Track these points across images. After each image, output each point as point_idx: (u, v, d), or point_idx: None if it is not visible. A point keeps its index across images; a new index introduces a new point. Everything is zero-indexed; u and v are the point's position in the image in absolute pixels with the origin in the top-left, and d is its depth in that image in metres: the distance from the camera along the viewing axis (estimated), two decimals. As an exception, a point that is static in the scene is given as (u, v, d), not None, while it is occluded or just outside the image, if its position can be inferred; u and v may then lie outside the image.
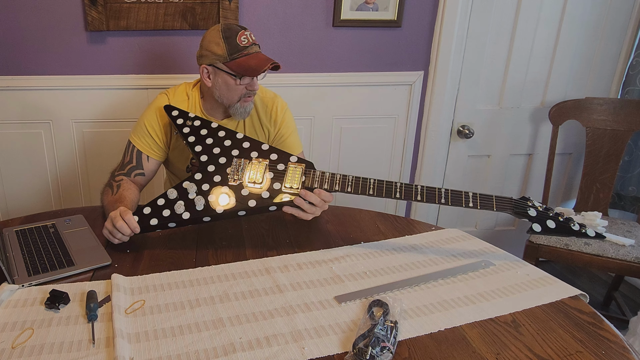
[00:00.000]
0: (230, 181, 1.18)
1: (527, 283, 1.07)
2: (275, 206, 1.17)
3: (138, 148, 1.40)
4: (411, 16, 2.00)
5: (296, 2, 1.90)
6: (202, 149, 1.24)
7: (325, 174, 1.19)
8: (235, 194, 1.16)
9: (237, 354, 0.82)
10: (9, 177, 1.94)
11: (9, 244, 1.17)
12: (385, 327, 0.86)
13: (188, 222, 1.16)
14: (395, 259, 1.16)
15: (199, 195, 1.16)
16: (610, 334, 0.91)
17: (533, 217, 1.10)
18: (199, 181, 1.18)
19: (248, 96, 1.36)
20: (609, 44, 2.20)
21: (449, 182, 2.35)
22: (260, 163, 1.20)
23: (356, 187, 1.17)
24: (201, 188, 1.17)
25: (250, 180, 1.18)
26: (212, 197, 1.16)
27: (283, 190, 1.17)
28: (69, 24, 1.78)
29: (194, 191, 1.16)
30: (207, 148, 1.24)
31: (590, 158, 2.11)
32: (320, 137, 2.11)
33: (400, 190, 1.15)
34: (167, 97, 1.43)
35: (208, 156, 1.23)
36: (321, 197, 1.17)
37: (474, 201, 1.12)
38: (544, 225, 1.09)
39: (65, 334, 0.87)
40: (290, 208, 1.18)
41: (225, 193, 1.16)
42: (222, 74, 1.32)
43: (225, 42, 1.30)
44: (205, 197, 1.16)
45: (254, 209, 1.16)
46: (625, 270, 1.79)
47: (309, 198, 1.16)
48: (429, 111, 2.15)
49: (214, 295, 0.99)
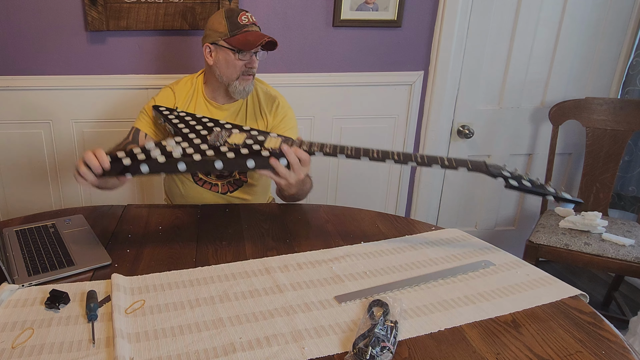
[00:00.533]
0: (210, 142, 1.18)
1: (527, 283, 1.07)
2: (253, 161, 1.12)
3: (137, 127, 1.44)
4: (411, 16, 2.00)
5: (296, 2, 1.90)
6: (185, 126, 1.27)
7: (304, 142, 1.17)
8: (214, 149, 1.14)
9: (237, 354, 0.82)
10: (9, 177, 1.94)
11: (9, 244, 1.17)
12: (385, 327, 0.86)
13: (162, 167, 1.10)
14: (395, 259, 1.16)
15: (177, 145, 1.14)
16: (610, 334, 0.90)
17: (508, 176, 1.10)
18: (179, 142, 1.17)
19: (247, 74, 1.40)
20: (609, 44, 2.20)
21: (449, 182, 2.36)
22: (241, 133, 1.21)
23: (334, 149, 1.15)
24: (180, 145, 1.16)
25: (230, 142, 1.17)
26: (190, 149, 1.14)
27: (262, 150, 1.15)
28: (69, 24, 1.78)
29: (172, 145, 1.14)
30: (190, 127, 1.26)
31: (590, 158, 2.11)
32: (320, 137, 2.11)
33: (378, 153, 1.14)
34: (171, 90, 1.48)
35: (189, 129, 1.25)
36: (298, 155, 1.13)
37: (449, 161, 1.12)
38: (520, 182, 1.09)
39: (65, 334, 0.87)
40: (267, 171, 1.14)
41: (204, 148, 1.15)
42: (223, 50, 1.38)
43: (227, 21, 1.37)
44: (184, 148, 1.14)
45: (230, 161, 1.12)
46: (625, 270, 1.79)
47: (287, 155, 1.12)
48: (429, 111, 2.15)
49: (214, 295, 0.99)
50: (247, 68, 1.39)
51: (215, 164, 1.12)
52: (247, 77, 1.40)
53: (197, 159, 1.11)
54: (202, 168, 1.13)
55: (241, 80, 1.40)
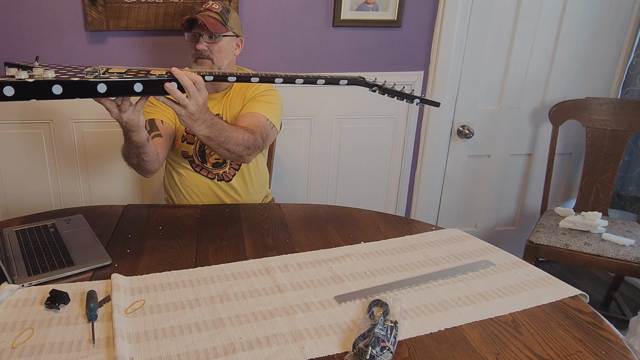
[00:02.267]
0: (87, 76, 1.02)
1: (527, 283, 1.07)
2: (141, 85, 1.03)
3: (149, 118, 1.46)
4: (411, 16, 2.00)
5: (296, 2, 1.90)
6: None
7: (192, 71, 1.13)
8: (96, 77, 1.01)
9: (237, 354, 0.82)
10: (9, 177, 1.94)
11: (9, 244, 1.17)
12: (385, 327, 0.86)
13: (32, 87, 0.94)
14: (395, 259, 1.16)
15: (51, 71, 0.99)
16: (610, 334, 0.90)
17: (380, 85, 1.20)
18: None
19: (199, 57, 1.42)
20: (609, 44, 2.20)
21: (449, 182, 2.36)
22: (120, 68, 1.08)
23: (224, 74, 1.14)
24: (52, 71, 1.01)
25: (111, 71, 1.04)
26: (66, 76, 0.98)
27: (150, 74, 1.06)
28: (69, 24, 1.78)
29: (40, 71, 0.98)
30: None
31: (590, 158, 2.11)
32: (320, 137, 2.11)
33: (264, 75, 1.14)
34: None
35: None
36: (190, 77, 1.07)
37: (326, 78, 1.18)
38: (385, 88, 1.20)
39: (65, 334, 0.87)
40: (162, 97, 1.09)
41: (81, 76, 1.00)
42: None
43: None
44: (58, 75, 0.98)
45: (116, 85, 1.00)
46: (625, 270, 1.79)
47: (178, 77, 1.06)
48: (429, 111, 2.15)
49: (214, 295, 0.99)
50: (195, 51, 1.42)
51: (97, 88, 0.99)
52: (201, 60, 1.42)
53: (75, 79, 0.97)
54: (82, 90, 0.99)
55: (197, 65, 1.43)
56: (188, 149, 1.52)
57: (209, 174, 1.54)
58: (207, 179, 1.55)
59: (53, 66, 1.12)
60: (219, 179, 1.55)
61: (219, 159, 1.53)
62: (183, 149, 1.52)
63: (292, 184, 2.18)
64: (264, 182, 1.68)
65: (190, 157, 1.53)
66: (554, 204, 2.48)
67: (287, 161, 2.13)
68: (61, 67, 1.12)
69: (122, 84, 1.02)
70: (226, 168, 1.54)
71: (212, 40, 1.42)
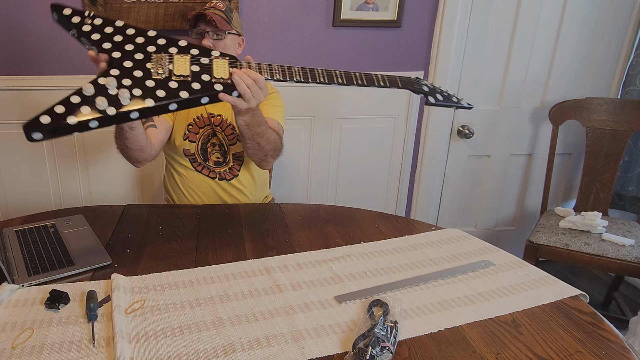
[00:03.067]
0: (155, 75, 1.05)
1: (527, 283, 1.07)
2: (208, 98, 1.08)
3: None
4: (411, 16, 2.00)
5: (296, 2, 1.90)
6: (112, 46, 1.08)
7: (251, 64, 1.14)
8: (164, 87, 1.04)
9: (237, 354, 0.82)
10: (9, 177, 1.94)
11: (9, 244, 1.17)
12: (385, 327, 0.86)
13: (114, 119, 0.99)
14: (395, 259, 1.16)
15: (123, 89, 1.00)
16: (610, 334, 0.90)
17: (427, 92, 1.25)
18: (118, 76, 1.02)
19: None
20: (609, 44, 2.20)
21: (449, 182, 2.36)
22: (183, 57, 1.09)
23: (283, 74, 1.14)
24: (122, 83, 1.01)
25: (177, 72, 1.06)
26: (138, 90, 1.01)
27: (213, 82, 1.09)
28: (69, 24, 1.78)
29: (114, 86, 1.00)
30: (118, 45, 1.08)
31: (590, 158, 2.11)
32: (320, 137, 2.11)
33: (323, 74, 1.16)
34: None
35: (121, 52, 1.07)
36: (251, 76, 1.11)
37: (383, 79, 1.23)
38: (435, 97, 1.25)
39: (65, 334, 0.87)
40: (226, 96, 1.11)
41: (152, 86, 1.03)
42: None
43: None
44: (130, 90, 1.00)
45: (186, 101, 1.05)
46: (625, 270, 1.79)
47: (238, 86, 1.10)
48: (429, 111, 2.16)
49: (214, 295, 0.99)
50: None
51: (169, 107, 1.03)
52: None
53: (151, 104, 1.01)
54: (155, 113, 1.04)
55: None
56: (190, 147, 1.52)
57: (211, 172, 1.54)
58: (208, 178, 1.55)
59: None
60: (221, 178, 1.55)
61: (220, 157, 1.53)
62: (185, 147, 1.52)
63: (292, 184, 2.18)
64: (265, 182, 1.68)
65: (191, 156, 1.53)
66: (554, 204, 2.48)
67: (287, 161, 2.13)
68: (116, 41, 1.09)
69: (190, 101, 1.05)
70: (228, 167, 1.54)
71: (218, 38, 1.43)
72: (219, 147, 1.53)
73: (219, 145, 1.53)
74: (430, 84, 1.29)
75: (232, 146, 1.53)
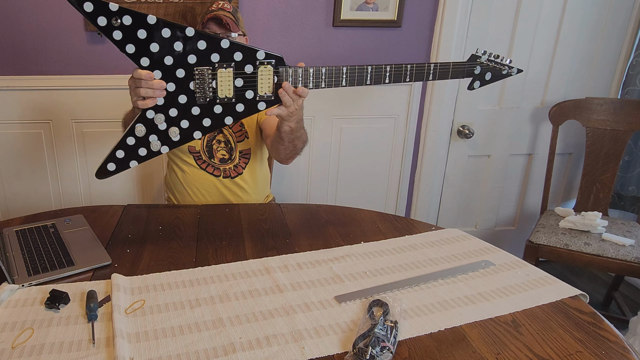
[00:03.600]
0: (199, 100, 1.06)
1: (527, 283, 1.07)
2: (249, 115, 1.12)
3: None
4: (411, 16, 2.00)
5: (296, 2, 1.90)
6: (151, 62, 1.03)
7: (297, 70, 1.10)
8: (209, 114, 1.06)
9: (237, 354, 0.82)
10: (9, 177, 1.94)
11: (9, 244, 1.17)
12: (385, 327, 0.86)
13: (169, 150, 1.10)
14: (395, 259, 1.16)
15: (172, 127, 1.05)
16: (610, 334, 0.91)
17: (477, 74, 1.19)
18: (164, 107, 1.05)
19: None
20: (609, 44, 2.20)
21: (449, 182, 2.36)
22: (226, 71, 1.06)
23: (329, 81, 1.12)
24: (169, 115, 1.05)
25: (221, 95, 1.06)
26: (185, 122, 1.06)
27: (257, 100, 1.09)
28: (69, 24, 1.78)
29: (162, 120, 1.05)
30: (157, 59, 1.03)
31: (590, 158, 2.11)
32: (320, 137, 2.11)
33: (371, 74, 1.14)
34: None
35: (162, 71, 1.04)
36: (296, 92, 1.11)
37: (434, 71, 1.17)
38: (482, 79, 1.20)
39: (65, 334, 0.87)
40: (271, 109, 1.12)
41: (198, 114, 1.06)
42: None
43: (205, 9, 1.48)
44: (178, 124, 1.05)
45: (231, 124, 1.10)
46: (625, 270, 1.79)
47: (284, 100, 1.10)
48: (429, 111, 2.16)
49: (214, 295, 0.99)
50: None
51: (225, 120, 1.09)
52: None
53: (198, 137, 1.09)
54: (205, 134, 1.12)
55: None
56: (195, 144, 1.52)
57: (215, 170, 1.54)
58: (212, 176, 1.55)
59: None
60: (225, 175, 1.55)
61: (226, 154, 1.53)
62: (190, 144, 1.52)
63: (292, 184, 2.18)
64: (267, 181, 1.69)
65: (196, 153, 1.53)
66: (554, 204, 2.48)
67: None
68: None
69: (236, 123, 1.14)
70: (233, 164, 1.55)
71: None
72: (224, 144, 1.53)
73: (224, 142, 1.53)
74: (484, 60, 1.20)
75: (239, 143, 1.53)
